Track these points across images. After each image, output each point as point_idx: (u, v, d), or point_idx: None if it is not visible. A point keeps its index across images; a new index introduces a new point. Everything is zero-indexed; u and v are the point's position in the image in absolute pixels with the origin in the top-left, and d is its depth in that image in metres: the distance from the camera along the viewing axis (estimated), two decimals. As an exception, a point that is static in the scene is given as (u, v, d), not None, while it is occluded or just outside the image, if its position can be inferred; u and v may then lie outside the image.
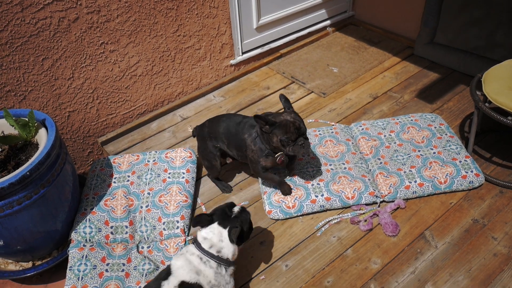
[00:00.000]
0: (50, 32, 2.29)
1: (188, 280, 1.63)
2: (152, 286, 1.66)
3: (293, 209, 2.17)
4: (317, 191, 2.20)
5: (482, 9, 2.80)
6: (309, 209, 2.17)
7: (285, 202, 2.18)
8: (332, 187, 2.21)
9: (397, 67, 3.24)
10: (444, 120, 2.61)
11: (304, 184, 2.24)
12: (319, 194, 2.19)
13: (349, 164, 2.35)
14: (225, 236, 1.71)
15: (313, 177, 2.27)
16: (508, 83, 2.14)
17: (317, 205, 2.17)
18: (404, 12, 3.40)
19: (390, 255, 1.98)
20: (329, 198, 2.18)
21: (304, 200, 2.18)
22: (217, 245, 1.71)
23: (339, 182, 2.23)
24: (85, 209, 2.19)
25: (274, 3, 3.26)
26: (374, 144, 2.46)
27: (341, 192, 2.19)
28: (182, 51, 2.89)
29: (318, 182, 2.25)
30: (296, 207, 2.17)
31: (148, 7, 2.58)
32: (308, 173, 2.30)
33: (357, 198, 2.18)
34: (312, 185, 2.23)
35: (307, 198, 2.18)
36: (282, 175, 2.29)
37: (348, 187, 2.21)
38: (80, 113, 2.62)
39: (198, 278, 1.64)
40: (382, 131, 2.55)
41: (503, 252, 1.96)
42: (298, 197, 2.19)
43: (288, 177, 2.29)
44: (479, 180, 2.23)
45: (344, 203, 2.18)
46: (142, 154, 2.48)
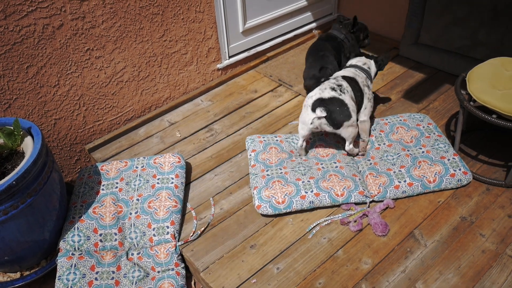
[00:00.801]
0: (34, 39, 2.27)
1: (347, 75, 2.48)
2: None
3: (282, 205, 2.17)
4: (307, 188, 2.21)
5: (465, 9, 2.85)
6: (298, 206, 2.18)
7: (275, 198, 2.18)
8: (322, 184, 2.23)
9: (383, 68, 3.27)
10: (432, 120, 2.64)
11: (295, 181, 2.25)
12: (309, 190, 2.20)
13: (340, 163, 2.37)
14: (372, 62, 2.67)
15: (304, 175, 2.29)
16: (491, 81, 2.17)
17: (306, 201, 2.18)
18: (389, 14, 3.44)
19: (381, 255, 1.99)
20: (318, 194, 2.19)
21: (294, 196, 2.19)
22: (367, 63, 2.64)
23: (329, 180, 2.25)
24: (73, 217, 2.17)
25: (259, 7, 3.27)
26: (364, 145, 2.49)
27: (331, 189, 2.21)
28: (168, 56, 2.88)
29: (308, 179, 2.26)
30: (286, 202, 2.17)
31: (134, 12, 2.58)
32: (300, 171, 2.31)
33: (346, 196, 2.19)
34: (303, 182, 2.24)
35: (297, 194, 2.19)
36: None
37: (338, 185, 2.22)
38: (66, 121, 2.59)
39: (356, 74, 2.51)
40: (372, 132, 2.57)
41: (491, 248, 1.98)
42: (288, 193, 2.20)
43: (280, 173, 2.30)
44: (467, 178, 2.26)
45: (334, 200, 2.19)
46: (130, 161, 2.46)
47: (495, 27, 2.75)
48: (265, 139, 2.56)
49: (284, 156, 2.44)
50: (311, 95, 2.32)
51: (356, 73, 2.51)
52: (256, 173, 2.35)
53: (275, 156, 2.44)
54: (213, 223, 2.21)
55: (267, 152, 2.47)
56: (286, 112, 2.91)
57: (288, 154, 2.46)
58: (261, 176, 2.31)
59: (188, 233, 2.17)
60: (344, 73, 2.50)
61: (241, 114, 2.93)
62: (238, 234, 2.14)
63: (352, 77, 2.46)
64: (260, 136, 2.59)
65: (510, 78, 2.17)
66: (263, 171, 2.34)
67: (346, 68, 2.61)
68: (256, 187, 2.27)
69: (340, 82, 2.36)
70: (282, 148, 2.51)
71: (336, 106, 2.24)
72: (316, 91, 2.31)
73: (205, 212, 2.28)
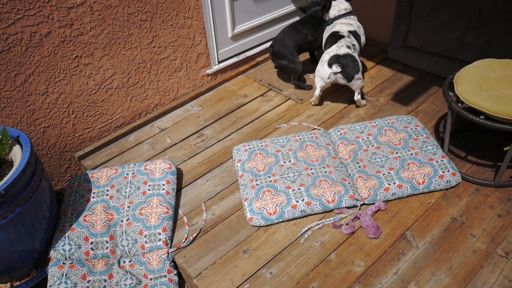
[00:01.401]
0: (21, 47, 2.25)
1: (351, 30, 2.90)
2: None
3: (274, 216, 2.17)
4: (298, 196, 2.21)
5: (451, 12, 2.88)
6: (290, 215, 2.17)
7: (266, 209, 2.18)
8: (312, 192, 2.23)
9: (372, 71, 3.29)
10: (420, 122, 2.66)
11: (285, 190, 2.25)
12: (300, 199, 2.20)
13: (329, 168, 2.37)
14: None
15: (294, 182, 2.28)
16: (478, 83, 2.20)
17: (298, 211, 2.18)
18: (376, 18, 3.47)
19: (373, 257, 2.00)
20: (309, 202, 2.19)
21: (285, 206, 2.18)
22: (347, 6, 3.03)
23: (320, 186, 2.25)
24: (64, 226, 2.15)
25: (248, 12, 3.28)
26: (353, 148, 2.49)
27: (322, 196, 2.21)
28: (158, 62, 2.88)
29: (299, 187, 2.26)
30: (277, 213, 2.17)
31: (122, 19, 2.57)
32: (289, 178, 2.31)
33: (337, 201, 2.20)
34: (293, 190, 2.24)
35: (288, 203, 2.19)
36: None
37: (328, 191, 2.22)
38: (55, 128, 2.57)
39: (351, 24, 2.93)
40: (360, 134, 2.58)
41: (482, 248, 2.00)
42: (279, 203, 2.19)
43: (268, 181, 2.30)
44: (455, 179, 2.27)
45: (325, 207, 2.19)
46: (120, 168, 2.45)
47: (482, 29, 2.79)
48: (250, 147, 2.55)
49: (271, 161, 2.43)
50: (328, 51, 2.73)
51: (351, 23, 2.93)
52: (245, 183, 2.34)
53: (261, 162, 2.43)
54: (205, 229, 2.21)
55: (252, 159, 2.45)
56: (277, 116, 2.92)
57: (274, 157, 2.45)
58: (250, 186, 2.30)
59: (180, 239, 2.16)
60: (348, 28, 2.88)
61: (232, 119, 2.93)
62: (230, 239, 2.14)
63: (354, 31, 2.89)
64: (246, 145, 2.58)
65: (497, 79, 2.20)
66: (251, 181, 2.33)
67: (341, 20, 2.97)
68: (246, 198, 2.26)
69: (354, 41, 2.80)
70: (267, 151, 2.50)
71: (349, 61, 2.66)
72: (334, 48, 2.72)
73: (197, 218, 2.27)
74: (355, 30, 2.90)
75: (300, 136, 2.60)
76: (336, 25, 2.94)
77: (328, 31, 2.97)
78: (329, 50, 2.73)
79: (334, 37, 2.83)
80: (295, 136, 2.61)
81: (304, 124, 2.80)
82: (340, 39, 2.78)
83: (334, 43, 2.78)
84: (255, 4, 3.30)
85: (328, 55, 2.70)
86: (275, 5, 3.44)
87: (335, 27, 2.92)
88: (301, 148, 2.51)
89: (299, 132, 2.68)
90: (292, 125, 2.81)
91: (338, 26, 2.92)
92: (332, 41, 2.81)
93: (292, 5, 3.56)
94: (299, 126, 2.81)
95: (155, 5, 2.68)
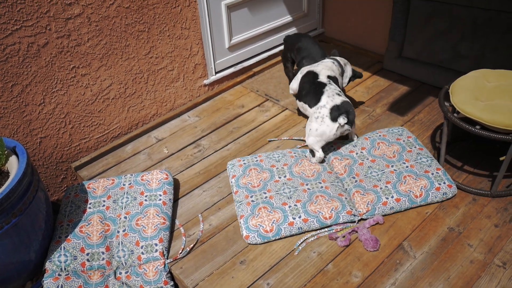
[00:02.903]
0: (19, 57, 2.25)
1: (331, 75, 2.62)
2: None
3: (271, 233, 2.14)
4: (295, 213, 2.18)
5: (446, 23, 2.91)
6: (287, 232, 2.14)
7: (263, 226, 2.15)
8: (309, 208, 2.20)
9: (368, 81, 3.31)
10: (412, 133, 2.65)
11: (281, 206, 2.22)
12: (297, 216, 2.17)
13: (325, 183, 2.35)
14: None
15: (290, 198, 2.27)
16: (474, 93, 2.22)
17: (295, 228, 2.15)
18: (372, 28, 3.50)
19: (371, 268, 1.99)
20: (306, 219, 2.16)
21: (281, 223, 2.15)
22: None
23: (316, 202, 2.23)
24: (60, 237, 2.14)
25: (245, 23, 3.30)
26: (347, 162, 2.46)
27: (319, 212, 2.18)
28: (155, 73, 2.89)
29: (295, 203, 2.23)
30: (274, 230, 2.14)
31: (119, 30, 2.58)
32: (285, 194, 2.29)
33: (334, 217, 2.17)
34: (290, 207, 2.21)
35: (285, 221, 2.16)
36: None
37: (325, 207, 2.20)
38: (52, 139, 2.57)
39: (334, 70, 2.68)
40: (353, 148, 2.55)
41: (479, 258, 2.00)
42: (275, 220, 2.17)
43: (264, 198, 2.29)
44: (452, 191, 2.27)
45: (322, 223, 2.17)
46: (117, 178, 2.44)
47: (476, 40, 2.82)
48: (245, 162, 2.52)
49: (265, 177, 2.40)
50: (322, 105, 2.43)
51: (334, 69, 2.70)
52: (240, 200, 2.31)
53: (256, 178, 2.40)
54: (202, 240, 2.20)
55: (247, 175, 2.43)
56: (274, 126, 2.92)
57: (269, 172, 2.42)
58: (245, 203, 2.27)
59: (177, 250, 2.15)
60: (328, 73, 2.62)
61: (229, 129, 2.94)
62: (227, 250, 2.13)
63: (334, 76, 2.65)
64: (241, 160, 2.55)
65: (492, 89, 2.22)
66: (247, 197, 2.30)
67: (325, 61, 2.74)
68: (242, 215, 2.23)
69: (338, 90, 2.52)
70: (262, 167, 2.46)
71: (349, 107, 2.42)
72: (326, 100, 2.43)
73: (193, 228, 2.26)
74: (336, 77, 2.66)
75: (295, 153, 2.57)
76: (325, 69, 2.65)
77: (303, 71, 2.73)
78: (322, 104, 2.43)
79: (313, 84, 2.56)
80: (290, 152, 2.58)
81: (295, 139, 2.78)
82: (324, 87, 2.50)
83: (318, 93, 2.50)
84: (252, 15, 3.32)
85: (326, 109, 2.40)
86: (272, 16, 3.46)
87: (315, 68, 2.67)
88: (297, 162, 2.48)
89: (294, 148, 2.65)
90: (283, 139, 2.80)
91: (327, 71, 2.64)
92: (314, 91, 2.53)
93: (289, 16, 3.59)
94: (289, 139, 2.81)
95: (153, 16, 2.69)
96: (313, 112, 2.47)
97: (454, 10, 2.82)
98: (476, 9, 2.72)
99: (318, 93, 2.49)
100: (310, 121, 2.47)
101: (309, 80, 2.61)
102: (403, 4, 3.08)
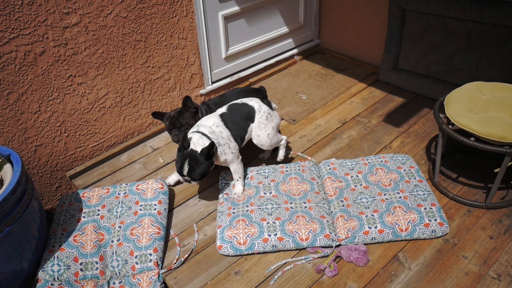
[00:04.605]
0: (15, 66, 2.25)
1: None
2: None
3: (244, 246, 2.11)
4: (271, 230, 2.14)
5: (441, 36, 2.94)
6: (260, 248, 2.11)
7: (237, 238, 2.13)
8: (287, 227, 2.15)
9: (363, 92, 3.33)
10: (415, 163, 2.53)
11: (260, 222, 2.19)
12: (272, 233, 2.13)
13: (310, 203, 2.28)
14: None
15: (270, 215, 2.23)
16: (468, 105, 2.23)
17: (268, 245, 2.11)
18: (368, 40, 3.53)
19: (366, 279, 1.98)
20: (282, 238, 2.12)
21: (256, 238, 2.12)
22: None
23: (296, 222, 2.17)
24: (53, 246, 2.12)
25: (242, 33, 3.32)
26: (339, 185, 2.40)
27: (295, 233, 2.13)
28: (151, 82, 2.89)
29: (274, 220, 2.19)
30: (247, 244, 2.11)
31: (116, 39, 2.59)
32: (267, 210, 2.25)
33: (311, 240, 2.11)
34: (268, 223, 2.18)
35: (260, 236, 2.12)
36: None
37: (303, 228, 2.14)
38: (47, 147, 2.56)
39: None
40: (349, 171, 2.48)
41: (474, 270, 1.99)
42: (250, 234, 2.14)
43: (244, 211, 2.28)
44: (442, 229, 2.15)
45: (298, 244, 2.11)
46: (112, 187, 2.43)
47: (470, 53, 2.85)
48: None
49: (250, 193, 2.38)
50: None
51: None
52: (222, 211, 2.30)
53: (242, 195, 2.39)
54: (196, 250, 2.18)
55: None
56: (269, 136, 2.92)
57: (255, 189, 2.40)
58: (226, 214, 2.26)
59: (171, 260, 2.14)
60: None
61: (225, 139, 2.93)
62: (222, 261, 2.12)
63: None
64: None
65: (486, 102, 2.23)
66: (229, 209, 2.29)
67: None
68: (220, 225, 2.21)
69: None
70: (250, 184, 2.44)
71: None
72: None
73: (188, 238, 2.25)
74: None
75: (287, 168, 2.54)
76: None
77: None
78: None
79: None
80: (283, 167, 2.55)
81: (299, 154, 2.77)
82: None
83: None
84: (249, 26, 3.34)
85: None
86: (268, 27, 3.49)
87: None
88: (284, 181, 2.43)
89: (288, 163, 2.60)
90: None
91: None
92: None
93: (286, 28, 3.61)
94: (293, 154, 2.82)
95: (150, 26, 2.71)
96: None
97: (449, 23, 2.86)
98: (470, 22, 2.76)
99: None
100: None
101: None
102: (398, 16, 3.12)
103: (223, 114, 2.38)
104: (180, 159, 2.19)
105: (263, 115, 2.43)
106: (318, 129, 2.97)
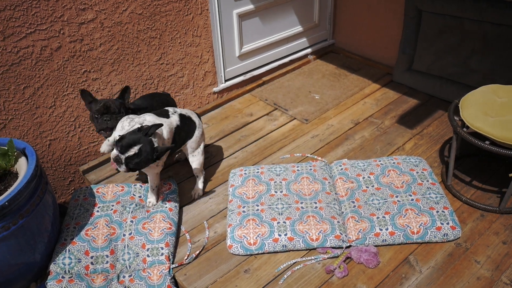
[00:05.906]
0: (32, 60, 2.28)
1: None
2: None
3: (254, 246, 2.11)
4: (282, 230, 2.13)
5: (457, 37, 2.91)
6: (270, 248, 2.10)
7: (247, 238, 2.12)
8: (297, 227, 2.14)
9: (377, 93, 3.31)
10: (428, 165, 2.51)
11: (270, 221, 2.18)
12: (283, 233, 2.12)
13: (321, 204, 2.27)
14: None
15: (281, 214, 2.22)
16: (483, 108, 2.20)
17: (279, 245, 2.11)
18: (383, 40, 3.50)
19: (375, 281, 1.97)
20: (292, 238, 2.11)
21: (266, 238, 2.12)
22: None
23: (306, 222, 2.16)
24: (65, 240, 2.14)
25: (256, 32, 3.32)
26: (351, 186, 2.39)
27: (306, 233, 2.12)
28: (165, 79, 2.90)
29: (284, 220, 2.19)
30: (258, 244, 2.11)
31: (131, 36, 2.61)
32: (277, 210, 2.24)
33: (321, 240, 2.10)
34: (278, 223, 2.17)
35: (270, 236, 2.12)
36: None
37: (314, 228, 2.13)
38: (61, 142, 2.59)
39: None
40: (361, 172, 2.47)
41: (486, 275, 1.97)
42: (261, 234, 2.13)
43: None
44: (454, 233, 2.12)
45: (308, 244, 2.11)
46: (127, 186, 2.45)
47: (486, 55, 2.81)
48: (246, 172, 2.50)
49: (261, 189, 2.37)
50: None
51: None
52: (232, 209, 2.29)
53: (252, 189, 2.38)
54: (206, 247, 2.19)
55: (244, 185, 2.41)
56: (282, 135, 2.92)
57: (266, 186, 2.39)
58: (236, 212, 2.26)
59: (181, 256, 2.15)
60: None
61: (237, 138, 2.94)
62: (231, 259, 2.12)
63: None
64: (243, 169, 2.54)
65: (502, 105, 2.20)
66: (239, 207, 2.28)
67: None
68: (230, 224, 2.21)
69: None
70: (261, 179, 2.44)
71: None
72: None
73: (198, 235, 2.26)
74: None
75: (298, 167, 2.54)
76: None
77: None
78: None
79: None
80: (294, 166, 2.54)
81: (308, 156, 2.74)
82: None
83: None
84: (263, 25, 3.34)
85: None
86: (283, 26, 3.48)
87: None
88: (296, 180, 2.43)
89: (299, 163, 2.60)
90: (295, 156, 2.77)
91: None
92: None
93: (300, 27, 3.60)
94: (302, 156, 2.81)
95: (165, 23, 2.72)
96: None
97: (465, 24, 2.82)
98: (487, 24, 2.72)
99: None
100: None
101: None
102: (414, 17, 3.09)
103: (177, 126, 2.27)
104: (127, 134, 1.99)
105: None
106: (331, 129, 2.96)
